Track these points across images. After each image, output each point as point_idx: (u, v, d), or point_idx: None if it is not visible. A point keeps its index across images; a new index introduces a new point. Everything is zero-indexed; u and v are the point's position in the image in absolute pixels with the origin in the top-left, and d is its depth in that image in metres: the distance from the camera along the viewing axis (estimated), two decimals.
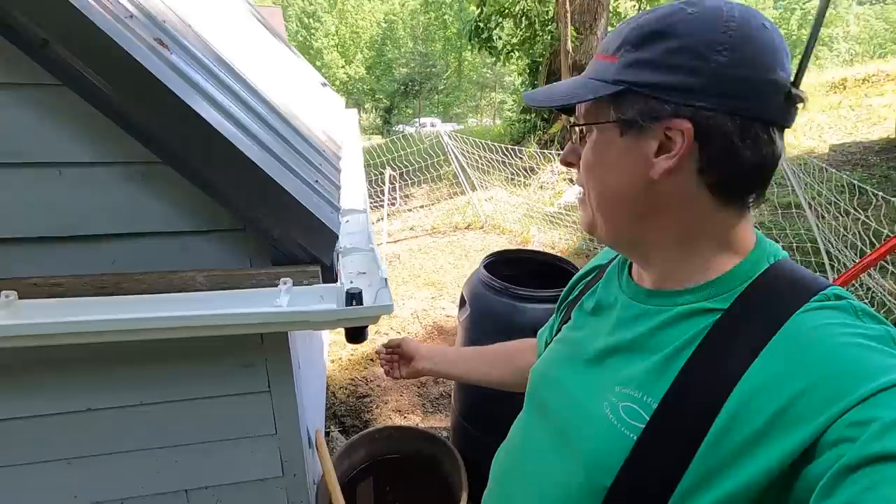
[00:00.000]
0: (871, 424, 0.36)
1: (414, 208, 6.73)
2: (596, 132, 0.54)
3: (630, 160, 0.51)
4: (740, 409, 0.44)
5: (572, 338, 0.66)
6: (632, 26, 0.50)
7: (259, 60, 1.92)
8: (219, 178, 0.94)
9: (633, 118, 0.49)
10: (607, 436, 0.52)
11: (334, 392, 2.66)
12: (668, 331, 0.52)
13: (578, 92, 0.53)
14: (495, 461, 0.74)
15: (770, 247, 0.54)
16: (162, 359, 1.15)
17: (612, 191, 0.54)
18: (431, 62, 26.80)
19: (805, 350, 0.43)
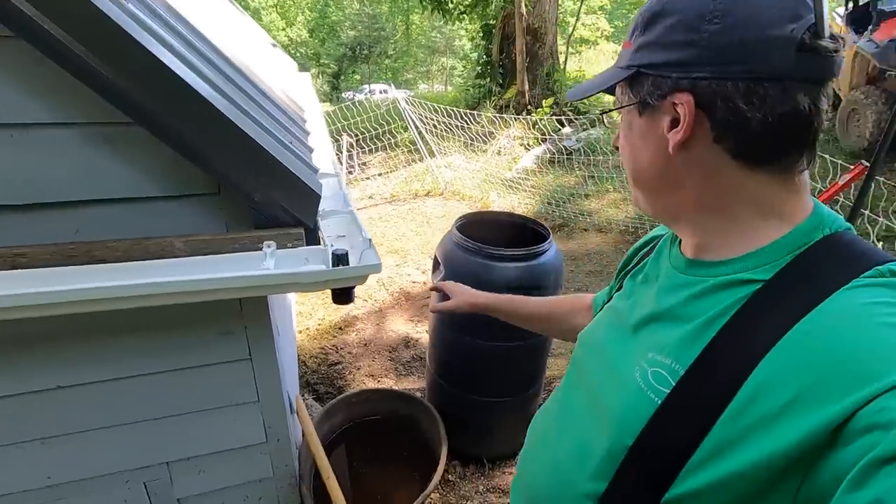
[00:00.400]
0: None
1: (371, 176, 6.61)
2: (624, 116, 0.57)
3: (650, 138, 0.54)
4: (765, 383, 0.43)
5: (619, 306, 0.67)
6: (641, 10, 0.53)
7: (211, 16, 1.80)
8: (199, 140, 0.90)
9: (645, 98, 0.52)
10: (633, 398, 0.53)
11: (305, 361, 2.65)
12: (704, 300, 0.52)
13: (605, 80, 0.57)
14: (534, 420, 0.77)
15: (828, 217, 0.51)
16: (137, 331, 1.11)
17: (642, 168, 0.57)
18: (380, 25, 25.77)
19: (841, 328, 0.41)
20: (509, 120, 5.87)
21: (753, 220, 0.51)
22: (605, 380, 0.61)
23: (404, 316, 3.17)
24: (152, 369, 1.16)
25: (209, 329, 1.17)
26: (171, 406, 1.22)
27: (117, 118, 0.91)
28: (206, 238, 0.97)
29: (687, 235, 0.58)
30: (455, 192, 5.78)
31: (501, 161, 6.23)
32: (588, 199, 5.01)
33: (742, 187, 0.50)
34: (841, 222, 0.51)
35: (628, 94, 0.55)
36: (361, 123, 6.12)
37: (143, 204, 0.99)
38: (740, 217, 0.52)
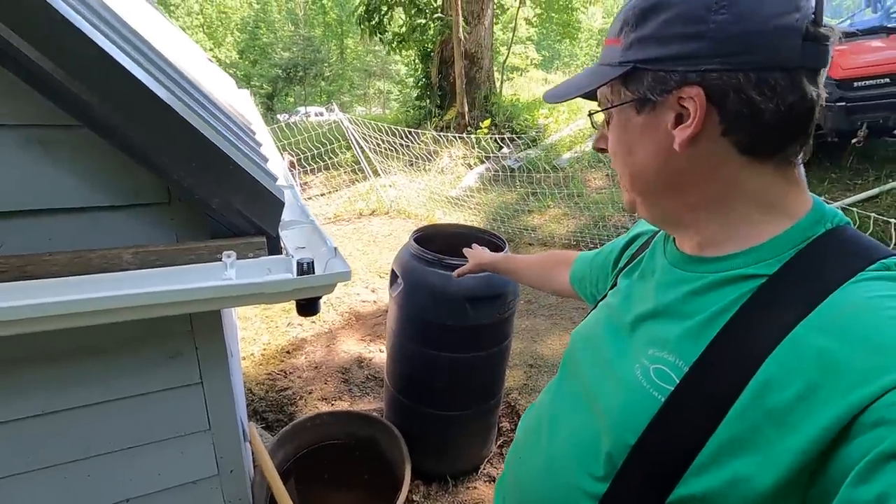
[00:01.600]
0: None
1: (313, 196, 6.45)
2: (616, 116, 0.55)
3: (651, 136, 0.51)
4: (773, 379, 0.41)
5: (614, 303, 0.65)
6: (629, 6, 0.51)
7: (152, 27, 1.71)
8: (152, 142, 0.83)
9: (645, 95, 0.50)
10: (635, 396, 0.51)
11: (251, 388, 2.49)
12: (706, 296, 0.51)
13: (591, 80, 0.54)
14: (524, 416, 0.75)
15: (829, 212, 0.50)
16: (73, 357, 1.00)
17: (641, 169, 0.54)
18: (314, 47, 25.59)
19: (849, 322, 0.40)
20: (452, 139, 5.99)
21: (755, 214, 0.50)
22: (601, 377, 0.59)
23: (356, 336, 3.08)
24: (89, 400, 1.04)
25: (158, 351, 1.07)
26: (111, 441, 1.10)
27: (57, 120, 0.83)
28: (159, 249, 0.90)
29: (687, 237, 0.56)
30: (400, 210, 5.77)
31: (445, 179, 6.32)
32: (531, 214, 5.18)
33: (746, 182, 0.50)
34: (841, 217, 0.51)
35: (622, 91, 0.52)
36: (302, 143, 6.00)
37: (85, 215, 0.91)
38: (742, 212, 0.51)
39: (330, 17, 27.09)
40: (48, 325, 0.77)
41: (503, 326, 1.82)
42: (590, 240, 4.41)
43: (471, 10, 7.67)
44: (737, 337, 0.46)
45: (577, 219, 4.88)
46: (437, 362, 1.78)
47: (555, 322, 3.18)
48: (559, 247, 4.54)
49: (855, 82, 4.16)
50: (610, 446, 0.52)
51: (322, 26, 27.71)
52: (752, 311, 0.46)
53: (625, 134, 0.55)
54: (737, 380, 0.43)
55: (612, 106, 0.54)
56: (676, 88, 0.47)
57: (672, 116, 0.49)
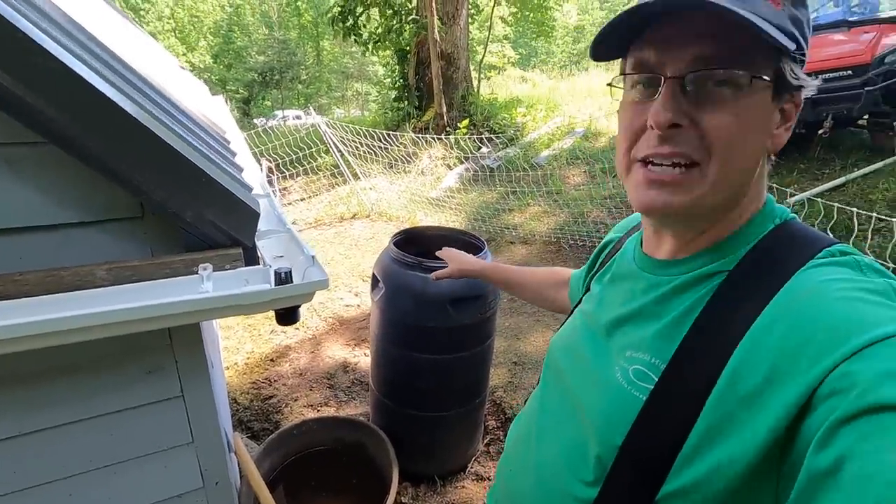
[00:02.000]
0: (863, 376, 0.36)
1: (293, 202, 6.40)
2: (741, 87, 0.46)
3: (768, 130, 0.49)
4: (741, 367, 0.44)
5: (589, 309, 0.67)
6: None
7: (120, 37, 1.68)
8: (122, 157, 0.83)
9: (789, 82, 0.47)
10: (618, 397, 0.53)
11: (235, 398, 2.47)
12: (675, 297, 0.53)
13: (773, 30, 0.43)
14: (513, 426, 0.76)
15: (778, 208, 0.54)
16: (50, 376, 0.98)
17: (748, 162, 0.49)
18: (290, 50, 25.33)
19: (802, 305, 0.43)
20: (431, 140, 6.00)
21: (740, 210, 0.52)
22: (584, 382, 0.60)
23: (340, 341, 3.07)
24: (68, 419, 1.03)
25: (135, 366, 1.07)
26: (92, 459, 1.09)
27: (21, 137, 0.82)
28: (133, 264, 0.90)
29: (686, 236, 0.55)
30: (382, 213, 5.76)
31: (426, 181, 6.32)
32: (511, 213, 5.22)
33: (763, 183, 0.53)
34: (787, 212, 0.53)
35: (770, 66, 0.46)
36: (280, 148, 5.94)
37: (55, 232, 0.90)
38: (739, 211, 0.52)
39: (305, 19, 26.85)
40: (21, 346, 0.76)
41: (485, 326, 1.84)
42: (570, 236, 4.47)
43: (446, 10, 7.69)
44: (706, 332, 0.48)
45: (557, 216, 4.94)
46: (420, 364, 1.80)
47: (537, 319, 3.22)
48: (540, 244, 4.59)
49: (819, 75, 4.30)
50: (598, 449, 0.53)
51: (297, 28, 27.45)
52: (717, 306, 0.49)
53: (753, 115, 0.47)
54: (710, 372, 0.45)
55: (758, 77, 0.46)
56: (797, 90, 0.48)
57: (779, 114, 0.49)
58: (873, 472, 0.32)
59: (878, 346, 0.36)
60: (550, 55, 32.99)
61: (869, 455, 0.33)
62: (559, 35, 32.06)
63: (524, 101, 8.84)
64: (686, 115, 0.47)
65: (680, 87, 0.47)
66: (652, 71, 0.49)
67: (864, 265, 0.45)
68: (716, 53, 0.45)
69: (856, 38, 4.48)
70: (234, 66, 26.82)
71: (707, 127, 0.47)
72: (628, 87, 0.53)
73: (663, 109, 0.47)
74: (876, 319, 0.38)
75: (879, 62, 4.18)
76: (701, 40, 0.45)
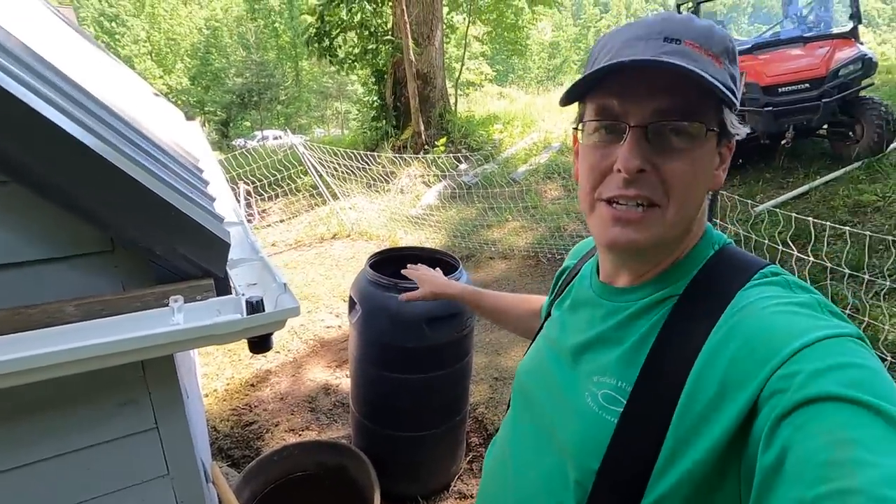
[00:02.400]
0: (797, 376, 0.40)
1: (273, 223, 6.38)
2: (695, 138, 0.52)
3: (712, 171, 0.55)
4: (698, 383, 0.48)
5: (552, 335, 0.70)
6: (725, 36, 0.52)
7: (87, 67, 1.69)
8: (88, 195, 0.84)
9: (729, 131, 0.54)
10: (591, 422, 0.55)
11: (215, 426, 2.44)
12: (634, 322, 0.57)
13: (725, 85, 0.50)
14: (487, 456, 0.77)
15: (716, 235, 0.60)
16: (17, 414, 0.97)
17: (698, 202, 0.55)
18: (268, 71, 25.38)
19: (744, 322, 0.48)
20: (409, 159, 6.06)
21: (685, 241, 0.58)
22: (556, 408, 0.62)
23: (321, 363, 3.06)
24: (39, 456, 1.02)
25: (107, 400, 1.06)
26: (66, 497, 1.07)
27: None
28: (104, 299, 0.91)
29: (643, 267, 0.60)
30: (362, 232, 5.78)
31: (405, 199, 6.37)
32: (490, 229, 5.28)
33: (704, 212, 0.59)
34: (723, 238, 0.60)
35: (717, 117, 0.53)
36: (258, 170, 5.94)
37: (23, 270, 0.90)
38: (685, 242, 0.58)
39: (283, 40, 26.99)
40: None
41: (462, 343, 1.86)
42: (548, 250, 4.54)
43: (420, 31, 7.84)
44: (664, 354, 0.52)
45: (535, 230, 5.02)
46: (399, 384, 1.81)
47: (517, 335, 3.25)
48: (519, 259, 4.65)
49: (779, 88, 4.49)
50: (576, 474, 0.55)
51: (275, 49, 27.55)
52: (671, 329, 0.53)
53: (703, 161, 0.53)
54: (672, 391, 0.49)
55: (710, 129, 0.53)
56: (735, 136, 0.55)
57: (718, 158, 0.55)
58: (808, 456, 0.36)
59: (809, 350, 0.41)
60: (527, 71, 33.66)
61: (804, 442, 0.37)
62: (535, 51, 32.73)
63: (501, 117, 9.00)
64: (649, 161, 0.52)
65: (644, 135, 0.52)
66: (617, 119, 0.54)
67: (792, 283, 0.51)
68: (673, 106, 0.51)
69: (812, 52, 4.70)
70: (211, 87, 26.77)
71: (666, 173, 0.52)
72: (590, 130, 0.57)
73: (631, 156, 0.52)
74: (806, 328, 0.44)
75: (834, 75, 4.40)
76: (660, 93, 0.51)
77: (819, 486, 0.34)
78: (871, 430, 0.35)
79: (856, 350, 0.42)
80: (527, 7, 11.78)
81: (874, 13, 44.98)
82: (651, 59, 0.48)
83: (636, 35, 0.52)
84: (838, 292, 2.89)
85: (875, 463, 0.33)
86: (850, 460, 0.34)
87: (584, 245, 0.80)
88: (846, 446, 0.35)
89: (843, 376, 0.39)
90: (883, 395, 0.37)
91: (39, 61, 1.06)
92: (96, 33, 25.29)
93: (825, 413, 0.37)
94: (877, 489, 0.32)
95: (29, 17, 1.70)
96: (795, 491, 0.35)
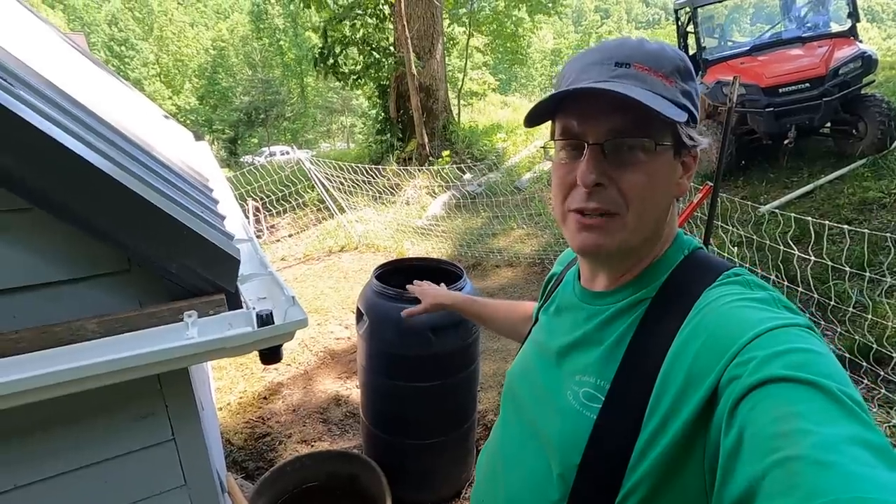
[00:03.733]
0: (751, 363, 0.43)
1: (282, 238, 6.46)
2: (648, 152, 0.56)
3: (672, 181, 0.60)
4: (667, 378, 0.51)
5: (539, 339, 0.74)
6: (675, 56, 0.57)
7: (100, 93, 1.77)
8: (107, 218, 0.90)
9: (685, 143, 0.58)
10: (572, 419, 0.59)
11: (229, 439, 2.48)
12: (612, 324, 0.61)
13: (658, 104, 0.53)
14: (479, 457, 0.81)
15: (686, 240, 0.64)
16: (41, 429, 1.02)
17: (659, 210, 0.60)
18: (274, 89, 25.79)
19: (706, 317, 0.52)
20: (413, 171, 6.13)
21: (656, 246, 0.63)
22: (541, 407, 0.66)
23: (332, 374, 3.10)
24: (62, 469, 1.06)
25: (126, 413, 1.11)
26: None
27: (9, 205, 0.88)
28: (122, 316, 0.96)
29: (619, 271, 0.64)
30: (369, 244, 5.84)
31: (411, 210, 6.43)
32: (496, 237, 5.32)
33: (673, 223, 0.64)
34: (693, 242, 0.65)
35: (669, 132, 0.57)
36: (266, 187, 6.04)
37: (47, 290, 0.95)
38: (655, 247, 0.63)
39: (288, 58, 27.44)
40: (19, 401, 0.81)
41: (468, 351, 1.89)
42: (553, 257, 4.55)
43: (422, 45, 7.96)
44: (638, 353, 0.56)
45: (540, 238, 5.04)
46: (407, 393, 1.84)
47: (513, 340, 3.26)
48: (525, 266, 4.67)
49: (779, 89, 4.50)
50: (559, 469, 0.59)
51: (281, 67, 28.01)
52: (644, 328, 0.58)
53: (660, 172, 0.58)
54: (645, 387, 0.53)
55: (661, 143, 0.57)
56: (694, 146, 0.60)
57: (681, 167, 0.60)
58: (759, 432, 0.39)
59: (761, 338, 0.45)
60: (530, 79, 33.82)
61: (756, 420, 0.40)
62: (537, 59, 32.90)
63: (504, 126, 9.07)
64: (606, 175, 0.57)
65: (600, 151, 0.57)
66: (576, 137, 0.59)
67: (751, 283, 0.55)
68: (625, 125, 0.56)
69: (811, 52, 4.72)
70: (219, 106, 27.24)
71: (623, 185, 0.57)
72: (558, 148, 0.63)
73: (588, 171, 0.57)
74: (759, 319, 0.48)
75: (834, 74, 4.40)
76: (612, 114, 0.56)
77: (769, 456, 0.37)
78: (812, 404, 0.39)
79: (803, 337, 0.45)
80: (527, 17, 11.89)
81: (878, 8, 44.74)
82: (590, 87, 0.54)
83: (592, 60, 0.58)
84: (843, 291, 2.88)
85: (814, 431, 0.37)
86: (795, 431, 0.37)
87: (570, 253, 0.85)
88: (791, 419, 0.38)
89: (789, 359, 0.42)
90: (825, 374, 0.41)
91: (58, 92, 1.13)
92: (106, 58, 25.91)
93: (774, 393, 0.40)
94: (815, 453, 0.35)
95: (42, 46, 1.78)
96: (751, 466, 0.38)
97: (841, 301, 2.80)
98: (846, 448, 0.35)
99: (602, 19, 47.23)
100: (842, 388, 0.40)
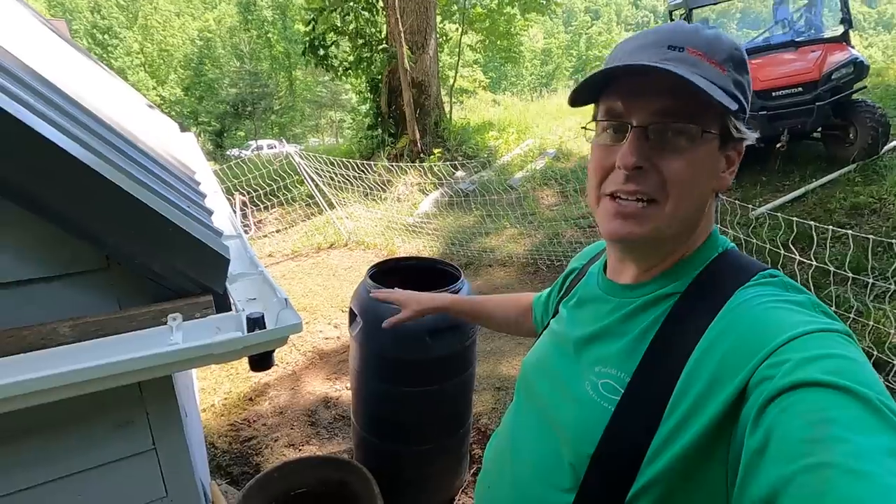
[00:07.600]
0: (785, 364, 0.43)
1: (269, 234, 6.33)
2: (693, 139, 0.54)
3: (715, 173, 0.57)
4: (692, 374, 0.50)
5: (558, 329, 0.72)
6: (731, 45, 0.55)
7: (81, 80, 1.67)
8: (83, 212, 0.82)
9: (732, 135, 0.55)
10: (589, 409, 0.58)
11: (213, 442, 2.39)
12: (636, 316, 0.60)
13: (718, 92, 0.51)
14: (489, 444, 0.79)
15: (721, 238, 0.63)
16: (12, 439, 0.94)
17: (698, 201, 0.57)
18: (262, 82, 25.42)
19: (739, 316, 0.51)
20: (405, 167, 6.05)
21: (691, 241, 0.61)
22: (556, 397, 0.65)
23: (321, 375, 3.02)
24: (35, 481, 0.98)
25: (104, 422, 1.03)
26: None
27: None
28: (99, 319, 0.88)
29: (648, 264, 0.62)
30: (359, 241, 5.75)
31: (402, 207, 6.35)
32: (488, 236, 5.27)
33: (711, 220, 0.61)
34: (727, 242, 0.63)
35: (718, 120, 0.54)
36: (253, 181, 5.91)
37: (16, 290, 0.87)
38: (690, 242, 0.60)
39: (276, 50, 27.09)
40: None
41: (465, 355, 1.83)
42: (546, 256, 4.52)
43: (415, 40, 7.86)
44: (663, 347, 0.55)
45: (533, 237, 5.00)
46: (402, 398, 1.78)
47: (519, 341, 3.22)
48: (518, 266, 4.63)
49: (773, 92, 4.52)
50: (571, 458, 0.58)
51: (269, 59, 27.65)
52: (672, 323, 0.56)
53: (704, 162, 0.55)
54: (668, 382, 0.52)
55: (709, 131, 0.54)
56: (742, 140, 0.57)
57: (724, 161, 0.57)
58: (790, 435, 0.38)
59: (797, 341, 0.44)
60: (520, 78, 33.88)
61: (787, 423, 0.39)
62: (528, 58, 32.96)
63: (496, 124, 9.02)
64: (648, 159, 0.55)
65: (644, 135, 0.55)
66: (620, 119, 0.57)
67: (788, 285, 0.54)
68: (673, 108, 0.53)
69: (804, 56, 4.74)
70: (205, 98, 26.81)
71: (665, 170, 0.55)
72: (600, 130, 0.61)
73: (630, 154, 0.55)
74: (797, 322, 0.46)
75: (827, 79, 4.43)
76: (661, 96, 0.53)
77: (798, 461, 0.36)
78: (848, 411, 0.38)
79: (841, 343, 0.44)
80: (519, 14, 11.85)
81: (860, 17, 45.69)
82: (643, 65, 0.51)
83: (645, 42, 0.56)
84: (840, 295, 2.88)
85: (849, 440, 0.36)
86: (828, 437, 0.36)
87: (592, 249, 0.84)
88: (825, 425, 0.37)
89: (827, 365, 0.41)
90: (863, 381, 0.40)
91: (32, 75, 1.04)
92: (89, 45, 25.32)
93: (807, 397, 0.39)
94: (849, 461, 0.34)
95: (20, 31, 1.67)
96: (777, 468, 0.37)
97: (838, 306, 2.80)
98: (882, 459, 0.34)
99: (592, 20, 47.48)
100: (880, 398, 0.38)
